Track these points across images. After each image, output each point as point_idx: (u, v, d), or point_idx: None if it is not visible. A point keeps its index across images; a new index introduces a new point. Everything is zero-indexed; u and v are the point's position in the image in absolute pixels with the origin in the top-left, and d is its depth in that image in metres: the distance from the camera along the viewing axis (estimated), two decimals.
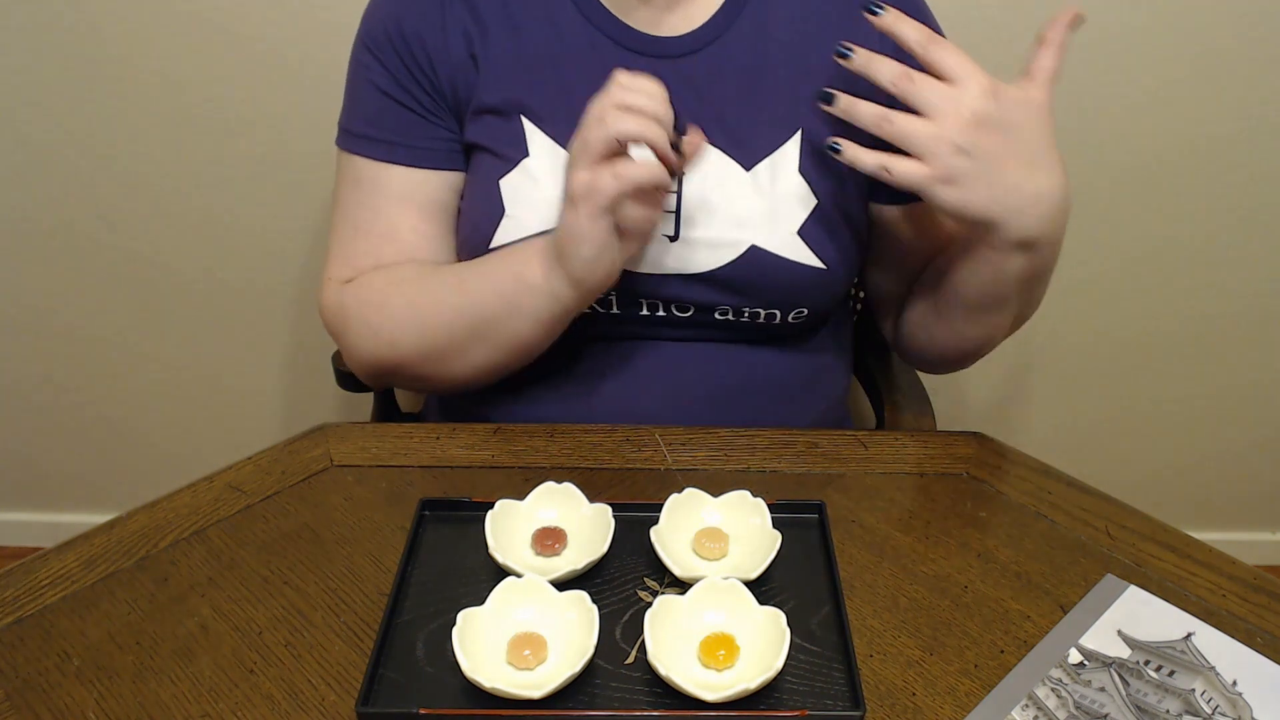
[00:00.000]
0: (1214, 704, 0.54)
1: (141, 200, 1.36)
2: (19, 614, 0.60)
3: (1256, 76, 1.26)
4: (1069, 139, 1.29)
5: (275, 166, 1.33)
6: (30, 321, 1.47)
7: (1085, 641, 0.58)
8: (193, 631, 0.59)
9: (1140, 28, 1.23)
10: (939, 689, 0.56)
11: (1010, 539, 0.67)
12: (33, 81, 1.28)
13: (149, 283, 1.43)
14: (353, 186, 0.84)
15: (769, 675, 0.52)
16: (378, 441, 0.75)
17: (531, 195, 0.79)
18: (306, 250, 1.41)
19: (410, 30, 0.80)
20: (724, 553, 0.63)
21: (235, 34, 1.24)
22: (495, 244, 0.79)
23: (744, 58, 0.80)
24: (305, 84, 1.27)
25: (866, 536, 0.67)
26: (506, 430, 0.77)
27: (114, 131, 1.31)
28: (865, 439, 0.77)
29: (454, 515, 0.66)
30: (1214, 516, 1.66)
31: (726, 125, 0.79)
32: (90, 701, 0.54)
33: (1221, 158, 1.32)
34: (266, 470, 0.72)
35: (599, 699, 0.54)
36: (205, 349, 1.50)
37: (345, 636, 0.59)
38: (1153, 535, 0.67)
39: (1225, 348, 1.47)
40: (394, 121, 0.82)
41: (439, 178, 0.83)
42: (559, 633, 0.56)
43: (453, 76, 0.80)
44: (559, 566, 0.61)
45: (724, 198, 0.79)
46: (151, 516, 0.68)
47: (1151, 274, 1.41)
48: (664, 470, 0.73)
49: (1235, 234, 1.37)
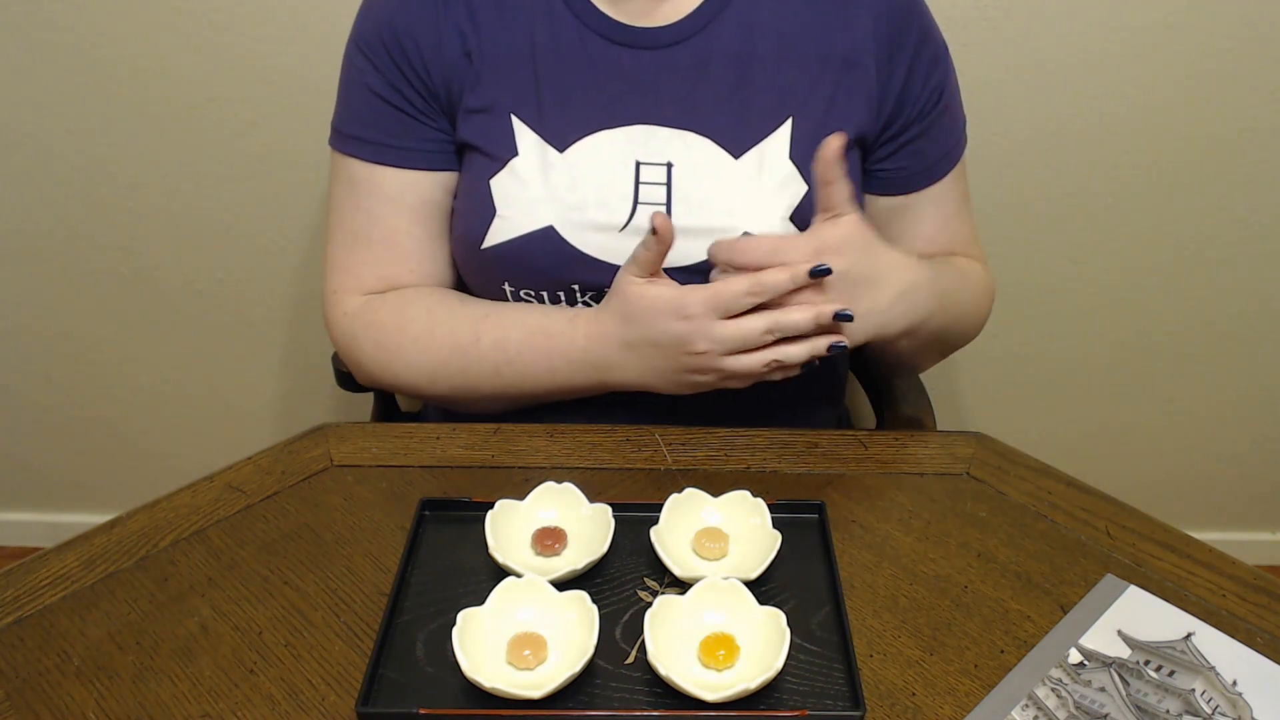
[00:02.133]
0: (1214, 704, 0.54)
1: (141, 200, 1.36)
2: (19, 614, 0.60)
3: (1257, 77, 1.26)
4: (1070, 140, 1.30)
5: (275, 166, 1.33)
6: (30, 322, 1.47)
7: (1085, 641, 0.58)
8: (193, 631, 0.59)
9: (1141, 28, 1.23)
10: (939, 689, 0.56)
11: (1010, 539, 0.67)
12: (33, 81, 1.28)
13: (149, 283, 1.43)
14: (347, 188, 0.84)
15: (769, 675, 0.52)
16: (378, 441, 0.75)
17: (520, 195, 0.79)
18: (306, 250, 1.41)
19: (403, 30, 0.80)
20: (724, 553, 0.63)
21: (235, 34, 1.24)
22: (487, 245, 0.80)
23: (733, 46, 0.80)
24: (304, 84, 1.27)
25: (866, 536, 0.67)
26: (506, 430, 0.77)
27: (114, 131, 1.31)
28: (865, 439, 0.77)
29: (454, 515, 0.66)
30: (1214, 516, 1.66)
31: (715, 114, 0.79)
32: (90, 701, 0.54)
33: (1222, 159, 1.32)
34: (266, 470, 0.72)
35: (599, 699, 0.54)
36: (205, 349, 1.50)
37: (345, 636, 0.59)
38: (1153, 535, 0.67)
39: (1225, 348, 1.47)
40: (386, 123, 0.82)
41: (432, 178, 0.83)
42: (559, 633, 0.56)
43: (446, 75, 0.80)
44: (559, 566, 0.61)
45: (713, 187, 0.79)
46: (151, 516, 0.68)
47: (1151, 274, 1.41)
48: (664, 470, 0.73)
49: (1235, 235, 1.37)
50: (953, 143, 0.88)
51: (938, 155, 0.86)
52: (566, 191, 0.78)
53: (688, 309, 0.69)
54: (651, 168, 0.79)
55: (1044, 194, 1.35)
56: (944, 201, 0.88)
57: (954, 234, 0.90)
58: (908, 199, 0.87)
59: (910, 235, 0.88)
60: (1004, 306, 1.43)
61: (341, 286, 0.85)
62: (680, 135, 0.79)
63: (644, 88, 0.80)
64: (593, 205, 0.78)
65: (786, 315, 0.68)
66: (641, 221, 0.78)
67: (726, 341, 0.69)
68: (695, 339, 0.69)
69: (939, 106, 0.84)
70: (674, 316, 0.69)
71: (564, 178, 0.79)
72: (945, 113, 0.85)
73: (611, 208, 0.78)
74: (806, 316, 0.68)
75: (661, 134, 0.79)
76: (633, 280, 0.71)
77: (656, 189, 0.79)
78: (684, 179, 0.79)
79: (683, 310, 0.69)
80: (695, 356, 0.70)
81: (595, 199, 0.78)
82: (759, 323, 0.68)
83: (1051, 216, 1.36)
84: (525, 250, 0.79)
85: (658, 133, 0.79)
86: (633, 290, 0.71)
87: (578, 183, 0.78)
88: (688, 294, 0.69)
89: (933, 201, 0.88)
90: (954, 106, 0.87)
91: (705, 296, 0.68)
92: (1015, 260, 1.40)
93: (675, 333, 0.70)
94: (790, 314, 0.68)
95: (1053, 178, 1.33)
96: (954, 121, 0.88)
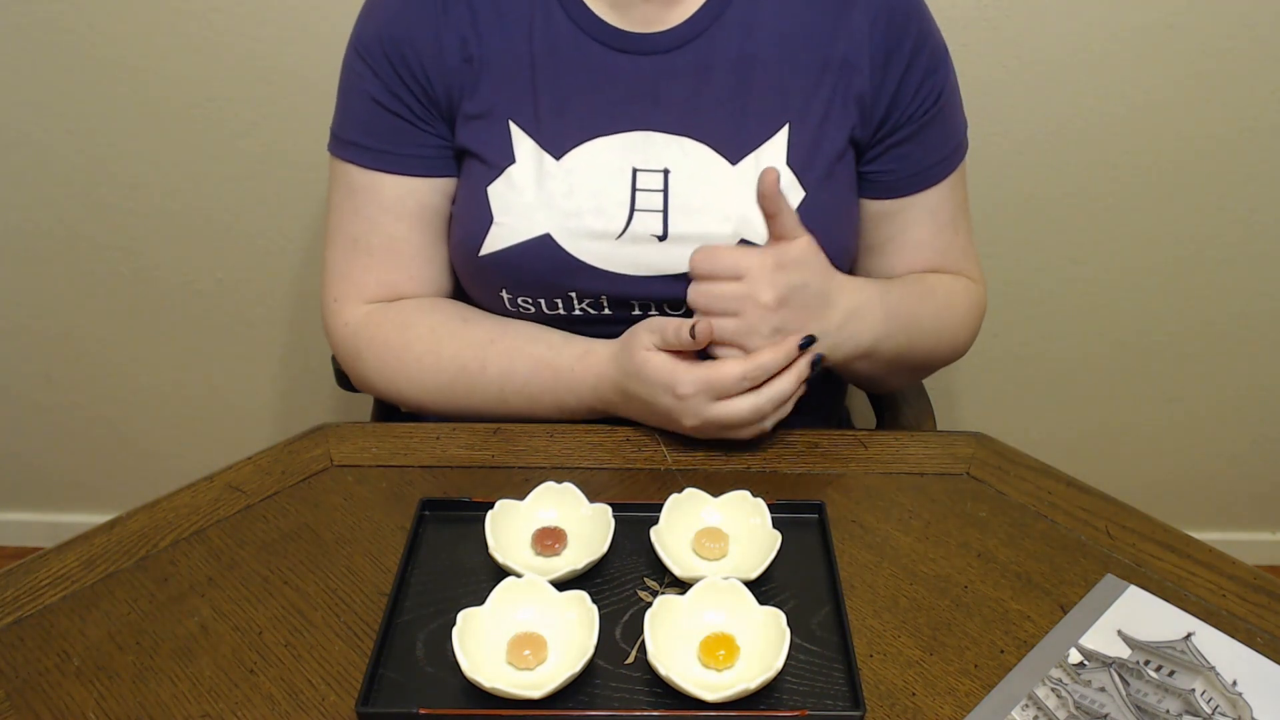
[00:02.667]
0: (1214, 704, 0.54)
1: (141, 201, 1.36)
2: (19, 614, 0.60)
3: (1257, 77, 1.26)
4: (1070, 140, 1.30)
5: (275, 166, 1.33)
6: (30, 322, 1.47)
7: (1085, 641, 0.58)
8: (193, 631, 0.59)
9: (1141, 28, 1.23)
10: (939, 689, 0.56)
11: (1010, 539, 0.67)
12: (32, 81, 1.28)
13: (149, 283, 1.43)
14: (346, 194, 0.84)
15: (769, 675, 0.52)
16: (378, 441, 0.75)
17: (517, 203, 0.79)
18: (306, 250, 1.41)
19: (403, 36, 0.80)
20: (724, 553, 0.63)
21: (235, 34, 1.24)
22: (484, 252, 0.80)
23: (731, 51, 0.80)
24: (304, 85, 1.27)
25: (866, 536, 0.67)
26: (506, 430, 0.77)
27: (114, 131, 1.31)
28: (865, 439, 0.77)
29: (454, 515, 0.66)
30: (1214, 516, 1.66)
31: (712, 120, 0.79)
32: (90, 701, 0.54)
33: (1222, 159, 1.32)
34: (266, 470, 0.72)
35: (599, 699, 0.54)
36: (205, 349, 1.50)
37: (345, 636, 0.59)
38: (1153, 535, 0.67)
39: (1225, 348, 1.47)
40: (385, 129, 0.82)
41: (431, 185, 0.83)
42: (559, 633, 0.56)
43: (446, 81, 0.80)
44: (559, 566, 0.61)
45: (710, 193, 0.79)
46: (151, 516, 0.68)
47: (1151, 274, 1.41)
48: (664, 470, 0.73)
49: (1235, 235, 1.37)
50: (949, 149, 0.86)
51: (930, 161, 0.85)
52: (563, 199, 0.78)
53: (679, 389, 0.70)
54: (648, 174, 0.79)
55: (1044, 194, 1.35)
56: (937, 209, 0.87)
57: (946, 244, 0.88)
58: (899, 203, 0.86)
59: (900, 242, 0.87)
60: (1004, 306, 1.43)
61: (342, 295, 0.85)
62: (677, 141, 0.79)
63: (641, 94, 0.80)
64: (589, 213, 0.78)
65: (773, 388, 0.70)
66: (638, 228, 0.78)
67: (716, 420, 0.70)
68: (684, 415, 0.71)
69: (932, 111, 0.83)
70: (666, 392, 0.71)
71: (560, 185, 0.79)
72: (939, 118, 0.84)
73: (608, 215, 0.78)
74: (776, 357, 0.69)
75: (658, 140, 0.79)
76: (643, 345, 0.72)
77: (653, 195, 0.79)
78: (681, 185, 0.79)
79: (675, 389, 0.70)
80: (682, 427, 0.72)
81: (592, 206, 0.78)
82: (744, 407, 0.70)
83: (1051, 216, 1.36)
84: (522, 258, 0.79)
85: (655, 139, 0.79)
86: (639, 356, 0.72)
87: (574, 190, 0.79)
88: (683, 373, 0.70)
89: (925, 208, 0.86)
90: (950, 113, 0.86)
91: (699, 378, 0.69)
92: (1015, 260, 1.40)
93: (665, 404, 0.71)
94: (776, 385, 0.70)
95: (1053, 178, 1.33)
96: (949, 128, 0.86)
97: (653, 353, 0.71)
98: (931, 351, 0.86)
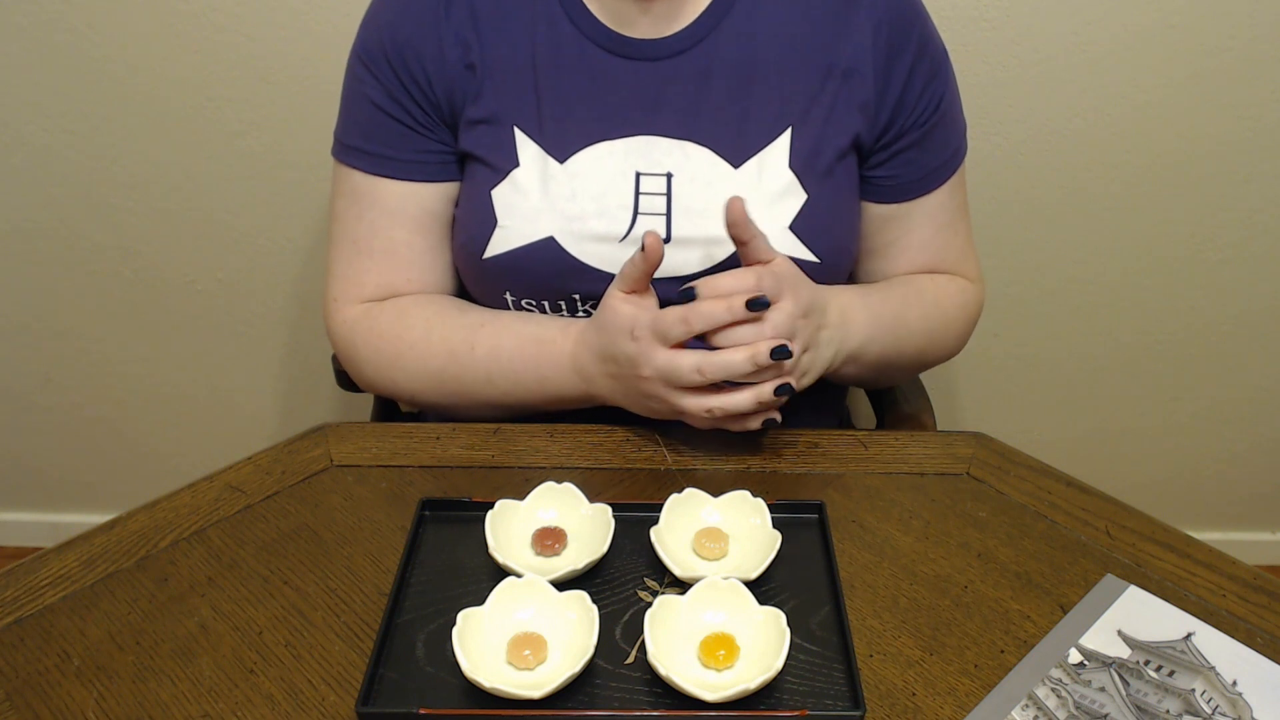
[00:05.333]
0: (1214, 704, 0.54)
1: (141, 201, 1.36)
2: (19, 614, 0.60)
3: (1257, 77, 1.26)
4: (1070, 140, 1.30)
5: (275, 166, 1.33)
6: (30, 322, 1.47)
7: (1085, 641, 0.58)
8: (193, 631, 0.59)
9: (1141, 28, 1.23)
10: (939, 689, 0.56)
11: (1010, 539, 0.67)
12: (32, 81, 1.28)
13: (148, 283, 1.43)
14: (349, 199, 0.85)
15: (769, 675, 0.52)
16: (378, 441, 0.75)
17: (521, 206, 0.79)
18: (306, 250, 1.41)
19: (405, 41, 0.80)
20: (724, 553, 0.63)
21: (235, 35, 1.24)
22: (488, 255, 0.80)
23: (733, 56, 0.80)
24: (304, 85, 1.27)
25: (866, 536, 0.67)
26: (506, 430, 0.77)
27: (114, 132, 1.31)
28: (865, 439, 0.77)
29: (454, 515, 0.66)
30: (1214, 516, 1.66)
31: (715, 124, 0.80)
32: (90, 701, 0.54)
33: (1222, 159, 1.32)
34: (266, 470, 0.72)
35: (599, 699, 0.54)
36: (205, 349, 1.50)
37: (345, 636, 0.59)
38: (1153, 535, 0.67)
39: (1225, 348, 1.47)
40: (387, 135, 0.82)
41: (433, 189, 0.83)
42: (559, 633, 0.56)
43: (448, 87, 0.80)
44: (559, 566, 0.61)
45: (713, 197, 0.79)
46: (151, 516, 0.68)
47: (1151, 274, 1.41)
48: (664, 470, 0.73)
49: (1235, 235, 1.37)
50: (949, 153, 0.87)
51: (933, 165, 0.86)
52: (566, 202, 0.79)
53: (636, 330, 0.69)
54: (651, 178, 0.79)
55: (1044, 194, 1.35)
56: (937, 212, 0.88)
57: (945, 245, 0.89)
58: (902, 207, 0.87)
59: (901, 244, 0.88)
60: (1004, 306, 1.43)
61: (342, 295, 0.86)
62: (680, 145, 0.79)
63: (644, 99, 0.80)
64: (593, 216, 0.78)
65: (719, 355, 0.67)
66: (641, 233, 0.78)
67: (661, 370, 0.69)
68: (640, 362, 0.70)
69: (935, 117, 0.84)
70: (627, 335, 0.70)
71: (564, 188, 0.79)
72: (941, 123, 0.85)
73: (611, 218, 0.79)
74: (741, 357, 0.67)
75: (661, 144, 0.79)
76: (613, 293, 0.72)
77: (656, 199, 0.79)
78: (684, 189, 0.79)
79: (633, 331, 0.69)
80: (643, 381, 0.70)
81: (595, 209, 0.78)
82: (688, 359, 0.68)
83: (1051, 216, 1.36)
84: (526, 261, 0.79)
85: (658, 143, 0.79)
86: (609, 303, 0.72)
87: (578, 193, 0.79)
88: (641, 315, 0.69)
89: (926, 212, 0.87)
90: (952, 117, 0.87)
91: (650, 319, 0.69)
92: (1015, 260, 1.40)
93: (626, 352, 0.70)
94: (724, 354, 0.67)
95: (1053, 178, 1.33)
96: (951, 133, 0.87)
97: (623, 298, 0.71)
98: (921, 352, 0.86)
